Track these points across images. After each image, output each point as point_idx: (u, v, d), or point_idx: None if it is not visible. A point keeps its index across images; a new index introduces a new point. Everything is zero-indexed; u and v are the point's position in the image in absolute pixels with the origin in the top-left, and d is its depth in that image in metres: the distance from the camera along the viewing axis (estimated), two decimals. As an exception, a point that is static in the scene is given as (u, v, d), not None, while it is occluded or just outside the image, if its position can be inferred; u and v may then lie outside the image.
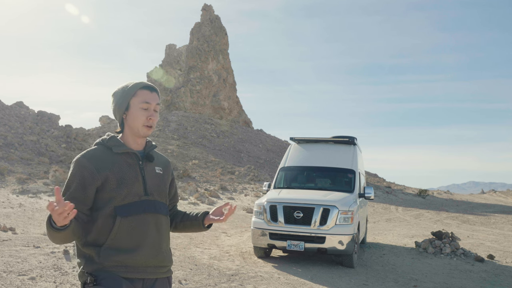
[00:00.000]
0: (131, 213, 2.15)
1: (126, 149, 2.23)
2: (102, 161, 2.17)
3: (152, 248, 2.19)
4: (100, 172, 2.14)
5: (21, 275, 5.81)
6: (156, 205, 2.25)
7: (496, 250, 11.14)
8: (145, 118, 2.23)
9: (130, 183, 2.18)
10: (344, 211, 8.14)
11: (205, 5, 77.96)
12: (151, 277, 2.21)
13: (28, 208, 12.72)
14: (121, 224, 2.12)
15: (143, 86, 2.27)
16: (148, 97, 2.25)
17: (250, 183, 30.57)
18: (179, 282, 6.32)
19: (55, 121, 33.33)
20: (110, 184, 2.14)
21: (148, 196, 2.22)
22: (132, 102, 2.24)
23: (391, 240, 12.49)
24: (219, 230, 12.33)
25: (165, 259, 2.28)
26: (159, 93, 2.34)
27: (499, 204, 36.32)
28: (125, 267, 2.12)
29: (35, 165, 22.37)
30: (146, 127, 2.24)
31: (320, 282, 7.02)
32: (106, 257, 2.10)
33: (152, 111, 2.26)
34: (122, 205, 2.14)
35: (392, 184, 53.80)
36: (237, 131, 64.63)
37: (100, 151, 2.22)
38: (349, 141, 10.30)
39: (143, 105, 2.23)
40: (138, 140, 2.28)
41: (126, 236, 2.13)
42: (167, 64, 77.23)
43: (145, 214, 2.19)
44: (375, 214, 22.14)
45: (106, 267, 2.10)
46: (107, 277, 2.09)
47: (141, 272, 2.17)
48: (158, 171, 2.32)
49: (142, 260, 2.16)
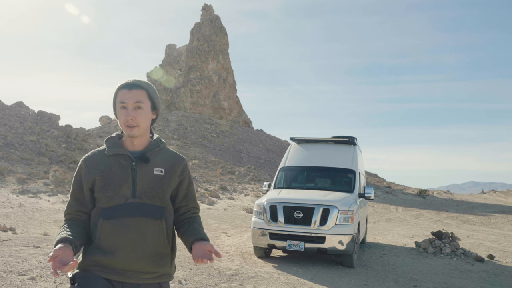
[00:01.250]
0: (113, 216, 2.12)
1: (117, 150, 2.19)
2: (95, 162, 2.19)
3: (132, 252, 2.12)
4: (90, 173, 2.17)
5: (21, 275, 5.81)
6: (144, 208, 2.15)
7: (496, 250, 11.14)
8: (124, 118, 2.16)
9: (117, 185, 2.14)
10: (344, 211, 8.14)
11: (205, 5, 77.96)
12: (132, 281, 2.14)
13: (28, 208, 12.72)
14: (102, 226, 2.13)
15: (122, 85, 2.20)
16: (124, 97, 2.16)
17: (250, 183, 30.58)
18: (179, 282, 6.32)
19: (55, 121, 33.34)
20: (97, 185, 2.16)
21: (136, 199, 2.15)
22: (116, 104, 2.21)
23: (391, 240, 12.49)
24: (219, 230, 12.33)
25: (150, 265, 2.16)
26: (149, 88, 2.22)
27: (499, 204, 36.33)
28: (102, 267, 2.12)
29: (35, 165, 22.37)
30: (128, 127, 2.17)
31: (320, 282, 7.02)
32: (88, 256, 2.14)
33: (130, 109, 2.16)
34: (107, 207, 2.14)
35: (392, 184, 53.80)
36: (237, 131, 64.63)
37: (101, 151, 2.24)
38: (349, 141, 10.30)
39: (121, 106, 2.17)
40: (133, 141, 2.22)
41: (106, 238, 2.12)
42: (167, 64, 77.23)
43: (128, 217, 2.12)
44: (375, 214, 22.14)
45: (86, 265, 2.15)
46: (84, 276, 2.12)
47: (119, 275, 2.12)
48: (157, 172, 2.22)
49: (119, 263, 2.12)
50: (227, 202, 20.89)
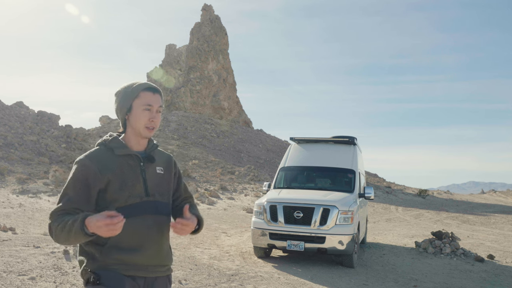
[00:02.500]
0: (133, 214, 2.16)
1: (128, 151, 2.24)
2: (104, 162, 2.18)
3: (153, 248, 2.23)
4: (102, 174, 2.15)
5: (21, 275, 5.81)
6: (157, 206, 2.26)
7: (496, 250, 11.14)
8: (147, 120, 2.23)
9: (131, 185, 2.19)
10: (344, 211, 8.14)
11: (205, 5, 77.98)
12: (152, 275, 2.24)
13: (28, 208, 12.72)
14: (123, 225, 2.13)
15: (146, 87, 2.26)
16: (151, 100, 2.24)
17: (250, 183, 30.58)
18: (179, 282, 6.32)
19: (55, 121, 33.34)
20: (112, 186, 2.16)
21: (149, 197, 2.24)
22: (135, 104, 2.24)
23: (391, 240, 12.49)
24: (219, 230, 12.33)
25: (166, 258, 2.31)
26: (162, 94, 2.33)
27: (499, 204, 36.33)
28: (126, 265, 2.15)
29: (35, 165, 22.37)
30: (148, 129, 2.25)
31: (320, 282, 7.02)
32: (108, 255, 2.13)
33: (155, 112, 2.26)
34: (124, 206, 2.16)
35: (392, 184, 53.81)
36: (237, 131, 64.63)
37: (103, 152, 2.22)
38: (349, 141, 10.30)
39: (145, 107, 2.23)
40: (140, 141, 2.29)
41: (128, 237, 2.15)
42: (167, 64, 77.25)
43: (146, 215, 2.21)
44: (375, 214, 22.14)
45: (108, 264, 2.13)
46: (109, 276, 2.11)
47: (143, 271, 2.20)
48: (159, 171, 2.33)
49: (143, 260, 2.19)
50: (227, 202, 20.89)
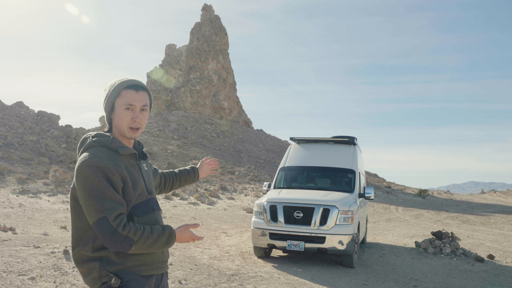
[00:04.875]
0: (145, 212, 2.17)
1: (129, 150, 2.18)
2: (116, 163, 2.10)
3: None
4: (119, 173, 2.08)
5: (21, 275, 5.81)
6: (156, 202, 2.30)
7: (496, 250, 11.14)
8: (129, 119, 2.13)
9: (138, 183, 2.18)
10: (344, 211, 8.14)
11: (205, 5, 77.97)
12: (162, 272, 2.27)
13: (28, 208, 12.72)
14: (139, 223, 2.13)
15: (128, 85, 2.13)
16: (132, 98, 2.12)
17: (250, 183, 30.58)
18: (179, 282, 6.32)
19: (55, 121, 33.33)
20: (128, 186, 2.10)
21: (151, 194, 2.26)
22: (117, 103, 2.13)
23: (391, 240, 12.49)
24: (219, 230, 12.32)
25: (168, 254, 2.34)
26: (149, 91, 2.20)
27: (499, 204, 36.31)
28: (145, 265, 2.14)
29: (35, 165, 22.36)
30: (132, 130, 2.15)
31: (320, 282, 7.02)
32: (127, 257, 2.08)
33: (138, 112, 2.14)
34: (135, 205, 2.14)
35: (392, 184, 53.78)
36: (237, 131, 64.62)
37: (107, 152, 2.11)
38: (349, 141, 10.30)
39: (126, 107, 2.12)
40: (129, 141, 2.24)
41: None
42: (167, 64, 77.23)
43: (155, 212, 2.24)
44: (375, 214, 22.14)
45: (129, 267, 2.08)
46: (132, 279, 2.08)
47: (156, 268, 2.22)
48: (146, 168, 2.35)
49: (156, 257, 2.21)
50: (227, 202, 20.89)
